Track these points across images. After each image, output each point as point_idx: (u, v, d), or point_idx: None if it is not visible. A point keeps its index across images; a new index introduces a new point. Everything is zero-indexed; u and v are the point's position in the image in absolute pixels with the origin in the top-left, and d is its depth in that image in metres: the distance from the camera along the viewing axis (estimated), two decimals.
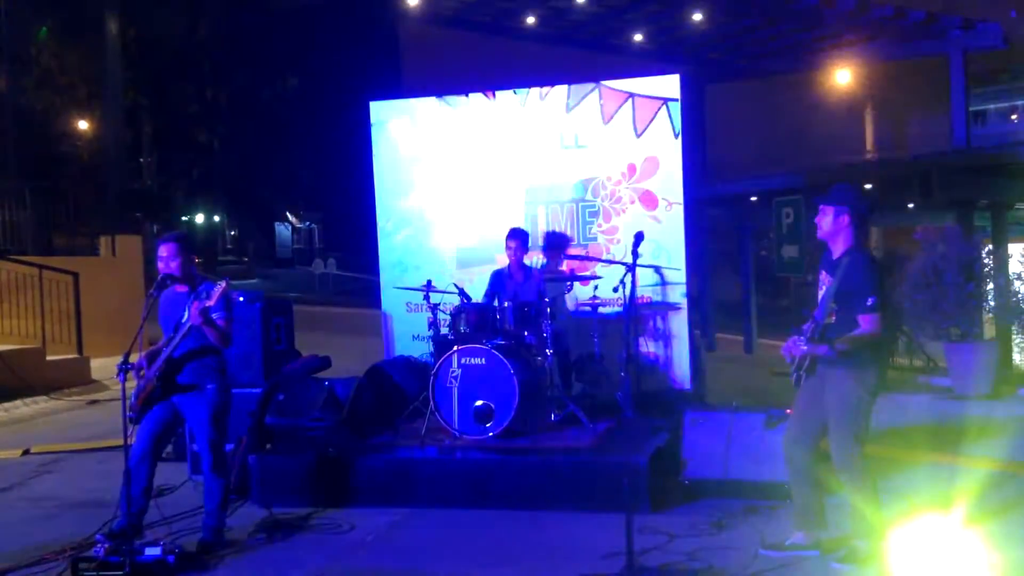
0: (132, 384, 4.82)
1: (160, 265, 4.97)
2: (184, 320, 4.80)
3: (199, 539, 5.02)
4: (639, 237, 4.60)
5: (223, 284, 4.91)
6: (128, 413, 4.82)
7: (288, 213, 45.32)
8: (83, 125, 25.86)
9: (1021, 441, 6.91)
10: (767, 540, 4.68)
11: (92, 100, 24.69)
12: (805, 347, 4.32)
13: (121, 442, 7.80)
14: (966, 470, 5.94)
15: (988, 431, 7.25)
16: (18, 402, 10.29)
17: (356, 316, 16.79)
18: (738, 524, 5.14)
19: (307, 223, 48.49)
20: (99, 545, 4.71)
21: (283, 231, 48.59)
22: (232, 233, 45.68)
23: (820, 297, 4.46)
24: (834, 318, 4.33)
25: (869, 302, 4.26)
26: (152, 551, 4.66)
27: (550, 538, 5.13)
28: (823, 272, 4.54)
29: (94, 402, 10.66)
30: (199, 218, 36.38)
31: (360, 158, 8.29)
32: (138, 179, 26.65)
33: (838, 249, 4.49)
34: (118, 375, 4.57)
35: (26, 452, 7.95)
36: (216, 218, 39.34)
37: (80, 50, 21.80)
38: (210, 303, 4.76)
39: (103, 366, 12.13)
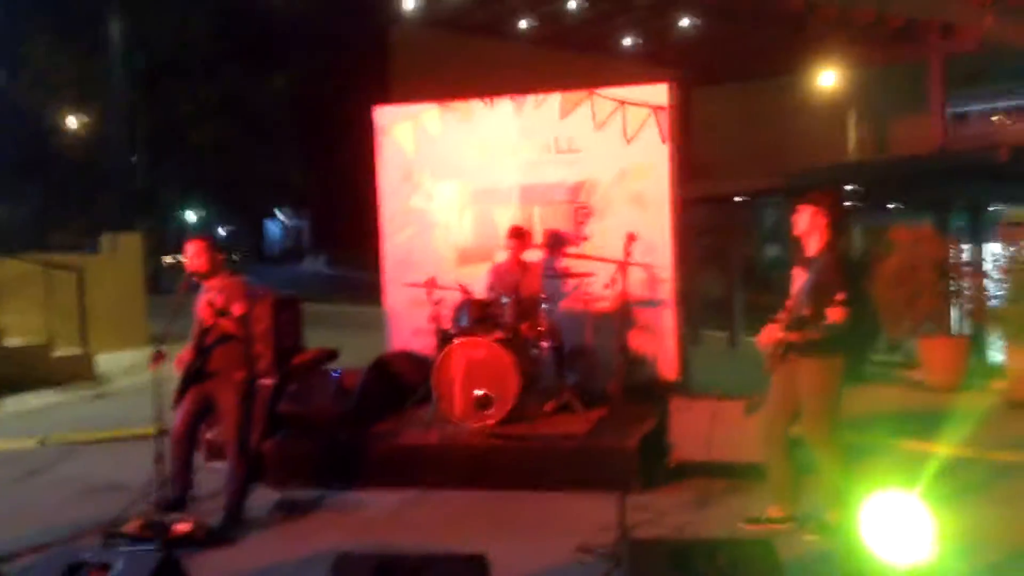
0: (163, 369, 5.19)
1: (188, 263, 5.37)
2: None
3: (222, 517, 5.38)
4: (632, 238, 4.99)
5: (236, 281, 5.32)
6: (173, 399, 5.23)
7: (277, 211, 45.53)
8: (76, 123, 26.09)
9: (985, 430, 7.33)
10: (747, 515, 5.11)
11: (85, 99, 24.91)
12: (780, 334, 4.75)
13: (136, 432, 8.21)
14: (932, 455, 6.36)
15: (955, 421, 7.68)
16: (27, 396, 10.56)
17: (352, 313, 17.11)
18: (720, 501, 5.56)
19: (296, 221, 48.69)
20: (131, 522, 5.11)
21: (272, 229, 48.84)
22: (223, 231, 45.82)
23: (794, 291, 4.89)
24: (807, 311, 4.76)
25: (838, 297, 4.68)
26: (182, 527, 5.05)
27: (548, 514, 5.52)
28: (797, 268, 4.96)
29: (101, 396, 10.99)
30: (191, 216, 36.56)
31: (351, 158, 8.61)
32: (132, 178, 26.88)
33: (813, 247, 4.91)
34: (152, 362, 4.96)
35: (42, 442, 8.27)
36: (202, 216, 39.45)
37: (74, 49, 22.02)
38: (218, 302, 5.16)
39: (107, 361, 12.44)
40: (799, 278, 4.94)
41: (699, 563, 3.61)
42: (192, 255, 5.35)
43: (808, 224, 4.90)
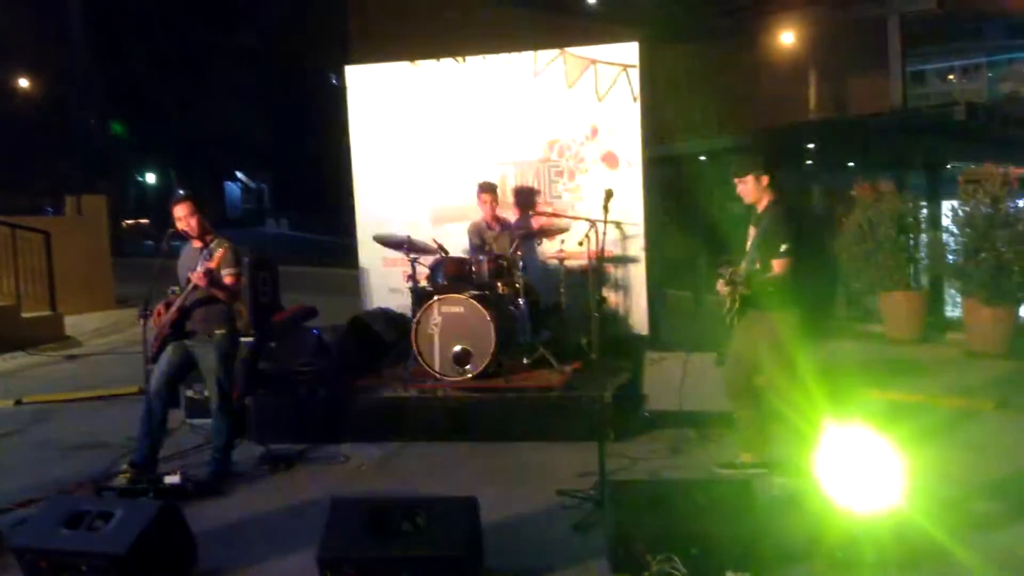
0: (152, 328, 5.26)
1: (177, 223, 5.41)
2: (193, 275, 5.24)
3: (210, 471, 5.50)
4: (610, 195, 5.11)
5: (226, 246, 5.35)
6: (147, 355, 5.28)
7: (238, 173, 44.96)
8: (30, 85, 25.52)
9: (943, 379, 7.65)
10: (721, 460, 5.33)
11: (41, 61, 24.36)
12: (727, 288, 4.94)
13: (109, 392, 8.26)
14: (893, 402, 6.65)
15: (914, 371, 7.99)
16: None
17: (323, 275, 17.08)
18: (692, 449, 5.79)
19: (257, 183, 48.11)
20: (122, 475, 5.20)
21: (233, 191, 48.16)
22: (181, 193, 45.09)
23: (748, 247, 5.11)
24: (758, 264, 4.96)
25: (781, 248, 4.89)
26: (171, 479, 5.17)
27: (527, 463, 5.70)
28: (751, 227, 5.17)
29: (72, 357, 10.98)
30: (151, 178, 36.06)
31: (314, 118, 8.64)
32: (90, 140, 26.45)
33: (762, 206, 5.12)
34: (139, 319, 5.02)
35: (18, 402, 8.28)
36: (161, 178, 38.91)
37: (32, 9, 21.49)
38: (211, 264, 5.20)
39: (75, 323, 12.40)
40: (752, 235, 5.15)
41: (679, 501, 3.82)
42: (183, 217, 5.40)
43: (754, 190, 5.09)
